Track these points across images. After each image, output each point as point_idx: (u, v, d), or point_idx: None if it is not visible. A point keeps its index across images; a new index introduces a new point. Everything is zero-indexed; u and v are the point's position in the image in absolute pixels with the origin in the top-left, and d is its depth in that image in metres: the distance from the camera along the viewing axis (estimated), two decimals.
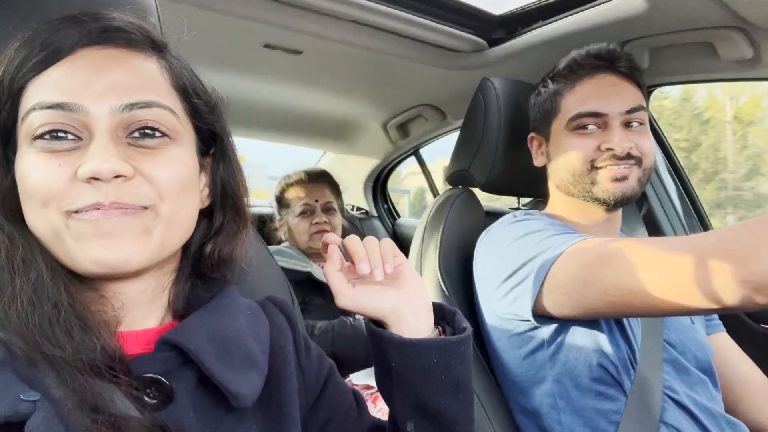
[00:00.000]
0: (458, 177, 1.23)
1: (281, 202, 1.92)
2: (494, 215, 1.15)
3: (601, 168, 0.97)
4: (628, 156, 0.96)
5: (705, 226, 1.51)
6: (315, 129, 2.27)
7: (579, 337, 0.91)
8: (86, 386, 0.42)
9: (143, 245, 0.48)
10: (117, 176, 0.46)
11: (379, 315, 0.60)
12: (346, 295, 0.60)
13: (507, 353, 0.98)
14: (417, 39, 1.38)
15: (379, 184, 2.64)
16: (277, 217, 1.94)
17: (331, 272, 0.61)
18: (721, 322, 1.13)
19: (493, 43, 1.43)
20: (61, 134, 0.46)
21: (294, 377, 0.59)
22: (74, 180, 0.45)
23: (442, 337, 0.60)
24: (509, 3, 1.38)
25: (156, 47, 0.53)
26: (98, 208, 0.45)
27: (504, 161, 1.14)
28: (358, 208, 2.66)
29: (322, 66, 1.56)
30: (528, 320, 0.90)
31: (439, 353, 0.57)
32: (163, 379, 0.48)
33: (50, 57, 0.47)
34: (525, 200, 1.32)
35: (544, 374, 0.94)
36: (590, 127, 0.98)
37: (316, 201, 1.86)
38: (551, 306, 0.86)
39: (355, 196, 2.64)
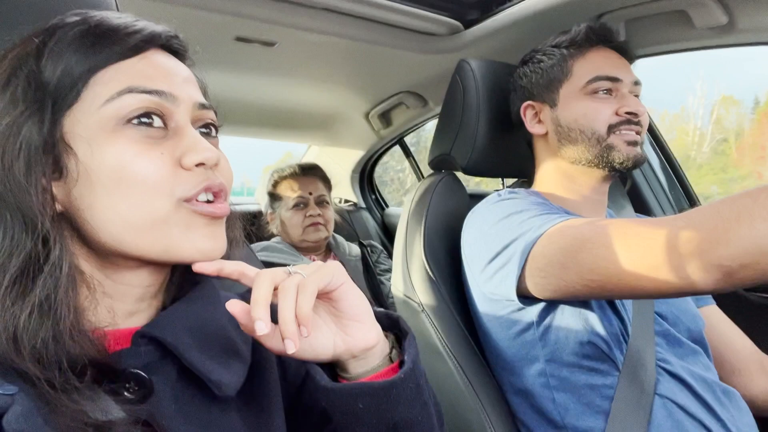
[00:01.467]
0: (440, 161, 1.22)
1: (274, 195, 1.92)
2: (478, 197, 1.14)
3: (616, 132, 0.99)
4: (638, 122, 0.99)
5: (690, 197, 1.50)
6: (297, 123, 2.26)
7: (568, 315, 0.91)
8: (64, 399, 0.41)
9: (225, 237, 0.52)
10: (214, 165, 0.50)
11: (320, 362, 0.54)
12: (272, 347, 0.50)
13: (497, 334, 0.98)
14: (392, 24, 1.37)
15: (365, 175, 2.63)
16: (269, 211, 1.94)
17: (248, 330, 0.49)
18: (710, 295, 1.13)
19: (468, 24, 1.42)
20: (153, 118, 0.48)
21: (275, 367, 0.59)
22: (177, 168, 0.48)
23: (370, 380, 0.54)
24: None
25: (189, 57, 0.57)
26: (211, 191, 0.49)
27: (485, 142, 1.13)
28: (346, 201, 2.65)
29: (297, 57, 1.54)
30: (514, 301, 0.89)
31: (365, 399, 0.52)
32: (142, 373, 0.47)
33: (129, 49, 0.48)
34: (509, 181, 1.31)
35: (535, 353, 0.93)
36: (602, 93, 1.00)
37: (310, 194, 1.87)
38: (533, 288, 0.86)
39: (342, 188, 2.63)
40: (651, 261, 0.70)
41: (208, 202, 0.49)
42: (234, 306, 0.48)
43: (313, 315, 0.52)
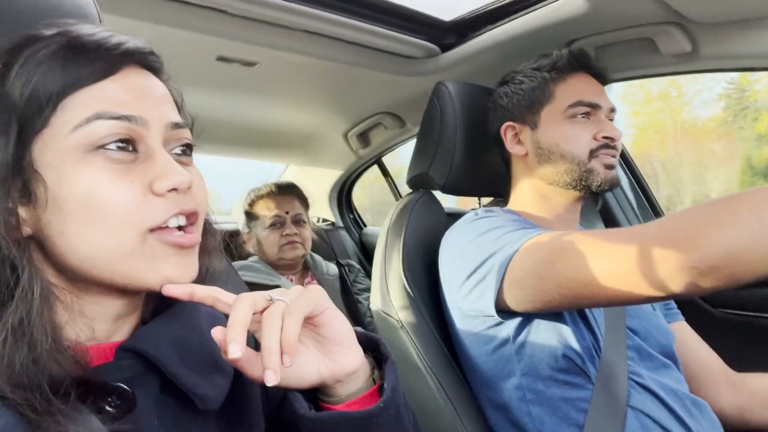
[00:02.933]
0: (418, 180, 1.25)
1: (250, 215, 1.91)
2: (456, 216, 1.17)
3: (596, 157, 1.02)
4: (615, 146, 1.03)
5: (658, 215, 1.56)
6: (276, 142, 2.27)
7: (543, 330, 0.93)
8: (46, 419, 0.41)
9: (196, 264, 0.51)
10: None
11: (304, 388, 0.53)
12: (253, 375, 0.49)
13: (474, 350, 0.99)
14: (371, 47, 1.40)
15: (344, 195, 2.64)
16: (246, 230, 1.93)
17: (233, 354, 0.45)
18: (679, 311, 1.17)
19: (445, 48, 1.46)
20: (123, 144, 0.47)
21: (257, 383, 0.58)
22: (147, 194, 0.47)
23: (350, 407, 0.54)
24: (459, 8, 1.41)
25: (165, 72, 0.55)
26: (182, 214, 0.48)
27: (462, 162, 1.16)
28: (324, 220, 2.66)
29: (278, 77, 1.56)
30: (492, 316, 0.91)
31: (345, 427, 0.51)
32: (125, 386, 0.47)
33: (100, 71, 0.47)
34: (486, 201, 1.34)
35: (511, 368, 0.95)
36: (581, 117, 1.04)
37: (287, 213, 1.87)
38: (512, 301, 0.87)
39: (320, 207, 2.63)
40: (625, 267, 0.72)
41: (180, 228, 0.49)
42: (217, 333, 0.46)
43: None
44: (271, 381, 0.43)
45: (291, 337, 0.45)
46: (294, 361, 0.45)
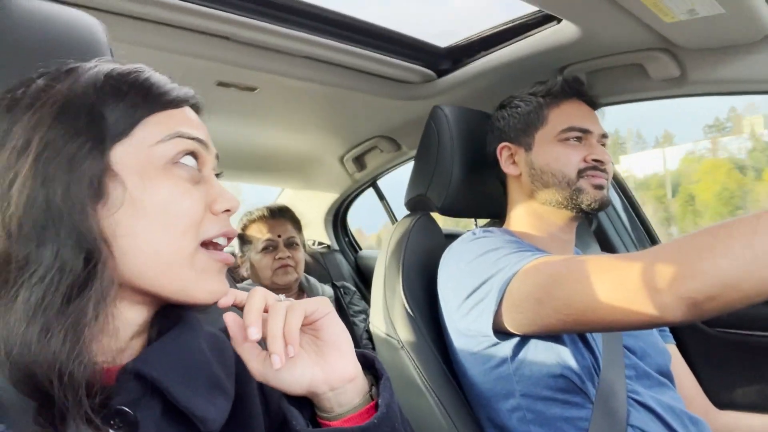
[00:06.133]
0: (416, 202, 1.27)
1: (243, 238, 1.91)
2: (453, 237, 1.18)
3: (584, 177, 1.05)
4: (605, 169, 1.06)
5: (651, 236, 1.58)
6: (272, 166, 2.28)
7: (541, 350, 0.94)
8: None
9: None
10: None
11: (296, 392, 0.55)
12: (254, 368, 0.54)
13: (473, 369, 1.00)
14: (369, 72, 1.43)
15: (339, 218, 2.65)
16: (239, 254, 1.93)
17: (238, 345, 0.54)
18: (671, 335, 1.20)
19: (441, 73, 1.49)
20: (195, 162, 0.53)
21: (258, 402, 0.59)
22: (207, 212, 0.52)
23: (345, 423, 0.55)
24: (454, 35, 1.45)
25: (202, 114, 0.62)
26: (227, 236, 0.54)
27: (459, 184, 1.18)
28: (320, 243, 2.66)
29: (277, 102, 1.58)
30: (489, 336, 0.92)
31: None
32: (127, 409, 0.47)
33: (171, 102, 0.53)
34: (482, 221, 1.36)
35: (510, 388, 0.96)
36: (573, 140, 1.07)
37: (279, 236, 1.87)
38: (510, 323, 0.88)
39: (315, 230, 2.64)
40: (622, 295, 0.74)
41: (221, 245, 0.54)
42: (228, 317, 0.54)
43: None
44: (277, 364, 0.49)
45: (293, 326, 0.50)
46: (296, 352, 0.50)
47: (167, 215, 0.49)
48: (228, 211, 0.54)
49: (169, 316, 0.57)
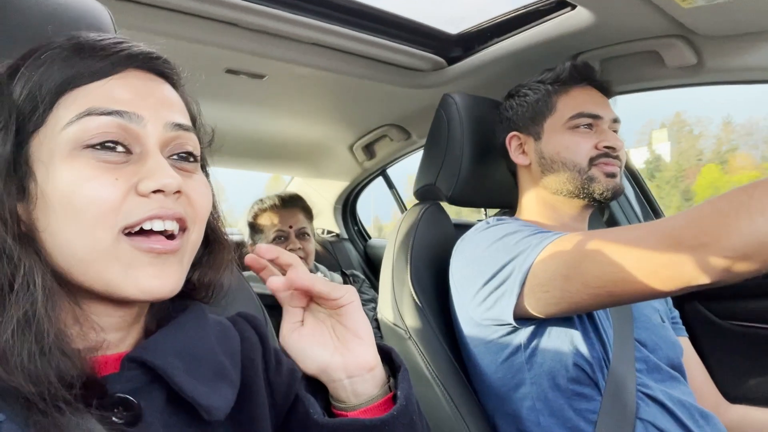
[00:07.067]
0: (426, 191, 1.25)
1: (254, 227, 1.91)
2: (463, 227, 1.17)
3: (596, 165, 1.03)
4: (617, 156, 1.04)
5: None
6: (282, 154, 2.28)
7: (555, 338, 0.93)
8: (52, 423, 0.41)
9: (180, 274, 0.49)
10: (175, 192, 0.47)
11: (310, 370, 0.55)
12: (283, 329, 0.55)
13: (484, 359, 0.99)
14: (378, 59, 1.41)
15: (348, 207, 2.64)
16: (249, 242, 1.93)
17: (285, 304, 0.57)
18: (683, 327, 1.18)
19: (451, 61, 1.47)
20: (113, 145, 0.46)
21: (264, 391, 0.58)
22: (130, 194, 0.45)
23: (364, 414, 0.54)
24: (465, 21, 1.42)
25: (177, 80, 0.55)
26: (160, 219, 0.46)
27: (469, 173, 1.16)
28: (329, 232, 2.66)
29: (285, 89, 1.57)
30: (507, 324, 0.91)
31: None
32: (131, 398, 0.47)
33: (99, 71, 0.47)
34: (491, 212, 1.35)
35: (522, 377, 0.95)
36: (584, 128, 1.05)
37: (290, 227, 1.86)
38: (534, 305, 0.87)
39: (325, 218, 2.64)
40: (657, 260, 0.73)
41: (169, 236, 0.47)
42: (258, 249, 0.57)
43: (318, 322, 0.57)
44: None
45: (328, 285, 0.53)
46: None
47: (72, 206, 0.44)
48: (161, 191, 0.46)
49: (174, 305, 0.56)
